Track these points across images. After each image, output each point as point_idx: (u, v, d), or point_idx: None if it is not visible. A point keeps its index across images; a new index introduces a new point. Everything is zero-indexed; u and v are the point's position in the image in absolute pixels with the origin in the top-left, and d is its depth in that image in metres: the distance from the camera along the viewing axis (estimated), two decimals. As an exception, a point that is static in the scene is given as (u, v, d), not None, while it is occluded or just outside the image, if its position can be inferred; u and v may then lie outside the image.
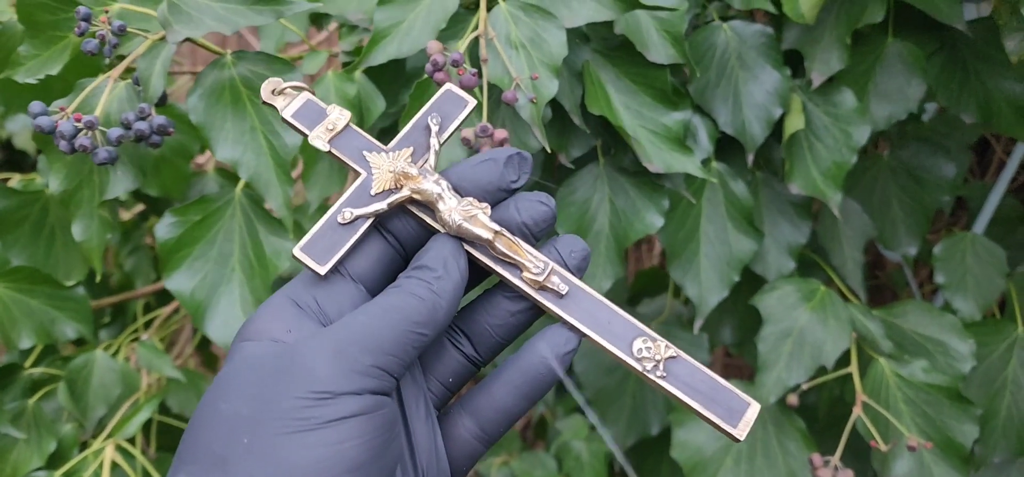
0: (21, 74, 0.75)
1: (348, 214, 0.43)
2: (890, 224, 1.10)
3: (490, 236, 0.43)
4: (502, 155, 0.45)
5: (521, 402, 0.44)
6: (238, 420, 0.38)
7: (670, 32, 0.80)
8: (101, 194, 0.76)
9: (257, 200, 0.82)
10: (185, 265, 0.79)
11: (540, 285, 0.44)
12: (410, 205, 0.45)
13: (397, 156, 0.45)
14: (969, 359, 0.95)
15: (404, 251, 0.45)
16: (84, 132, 0.69)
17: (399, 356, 0.40)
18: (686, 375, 0.43)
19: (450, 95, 0.48)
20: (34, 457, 0.96)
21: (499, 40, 0.72)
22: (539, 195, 0.45)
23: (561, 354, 0.43)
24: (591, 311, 0.44)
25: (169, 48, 0.70)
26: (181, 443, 0.40)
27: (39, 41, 0.75)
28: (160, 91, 0.70)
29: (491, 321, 0.45)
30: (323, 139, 0.46)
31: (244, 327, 0.43)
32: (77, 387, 0.99)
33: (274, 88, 0.47)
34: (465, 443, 0.44)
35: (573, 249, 0.45)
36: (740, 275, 0.93)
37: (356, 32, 0.83)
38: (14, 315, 0.93)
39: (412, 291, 0.41)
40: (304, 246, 0.43)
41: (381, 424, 0.39)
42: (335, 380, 0.38)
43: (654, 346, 0.43)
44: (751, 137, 0.90)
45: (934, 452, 0.90)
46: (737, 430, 0.42)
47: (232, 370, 0.40)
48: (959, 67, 0.98)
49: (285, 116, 0.47)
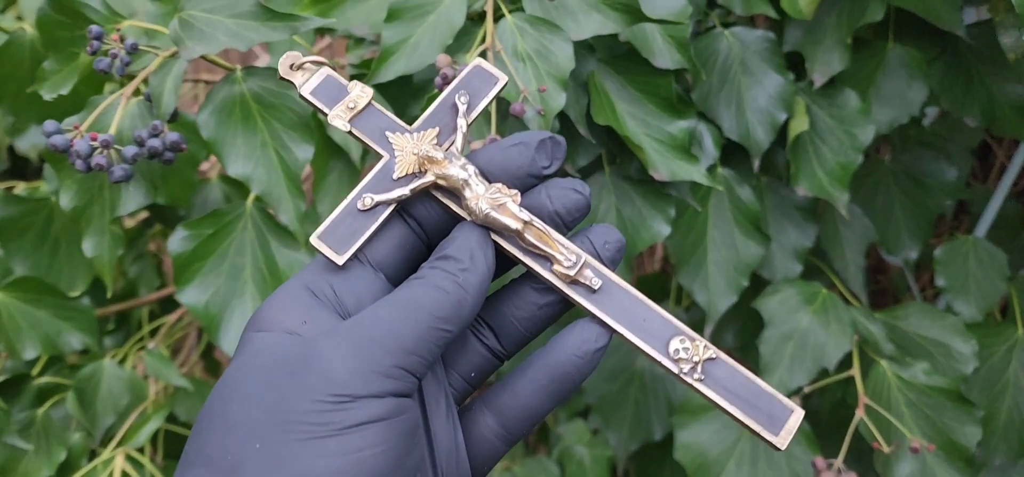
0: (46, 90, 0.76)
1: (369, 200, 0.41)
2: (892, 228, 1.10)
3: (519, 226, 0.41)
4: (534, 138, 0.42)
5: (547, 401, 0.41)
6: (250, 423, 0.36)
7: (675, 37, 0.81)
8: (112, 210, 0.76)
9: (268, 213, 0.82)
10: (198, 278, 0.79)
11: (572, 279, 0.41)
12: (434, 190, 0.42)
13: (422, 137, 0.43)
14: (971, 360, 0.96)
15: (427, 238, 0.43)
16: (100, 151, 0.69)
17: (422, 355, 0.38)
18: (725, 378, 0.40)
19: (479, 71, 0.45)
20: (44, 467, 0.96)
21: (506, 53, 0.72)
22: (573, 182, 0.42)
23: (590, 351, 0.41)
24: (626, 307, 0.41)
25: (181, 64, 0.70)
26: (189, 442, 0.38)
27: (61, 57, 0.76)
28: (172, 107, 0.70)
29: (517, 314, 0.43)
30: (343, 118, 0.44)
31: (256, 315, 0.40)
32: (86, 396, 0.99)
33: (293, 63, 0.45)
34: (487, 443, 0.42)
35: (607, 240, 0.43)
36: (748, 280, 0.93)
37: (363, 45, 0.83)
38: (19, 325, 0.94)
39: (436, 284, 0.39)
40: (322, 233, 0.41)
41: (403, 430, 0.37)
42: (355, 382, 0.36)
43: (692, 346, 0.40)
44: (756, 142, 0.91)
45: (937, 454, 0.90)
46: (778, 438, 0.39)
47: (243, 366, 0.38)
48: (962, 71, 0.99)
49: (303, 93, 0.44)
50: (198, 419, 0.38)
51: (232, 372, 0.38)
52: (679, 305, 1.15)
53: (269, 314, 0.39)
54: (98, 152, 0.68)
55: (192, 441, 0.37)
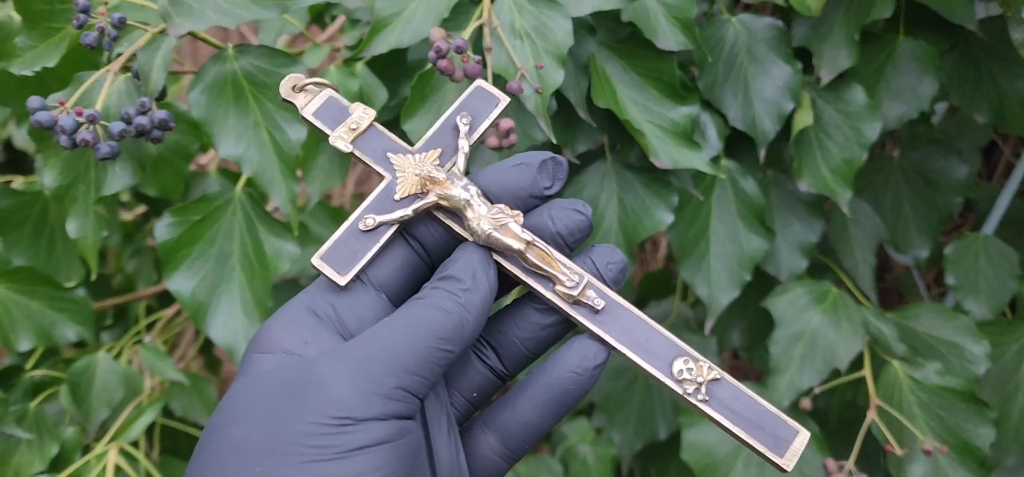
0: (17, 66, 0.73)
1: (371, 221, 0.41)
2: (902, 226, 1.08)
3: (522, 247, 0.41)
4: (535, 159, 0.42)
5: (548, 418, 0.41)
6: (250, 447, 0.35)
7: (679, 18, 0.79)
8: (98, 190, 0.74)
9: (257, 199, 0.81)
10: (185, 265, 0.77)
11: (574, 299, 0.41)
12: (436, 211, 0.43)
13: (424, 159, 0.43)
14: (984, 361, 0.94)
15: (430, 258, 0.43)
16: (86, 126, 0.67)
17: (424, 375, 0.37)
18: (730, 399, 0.40)
19: (480, 92, 0.45)
20: (36, 461, 0.94)
21: (503, 29, 0.71)
22: (575, 202, 0.42)
23: (590, 368, 0.41)
24: (629, 328, 0.41)
25: (170, 41, 0.68)
26: (191, 464, 0.37)
27: (36, 33, 0.74)
28: (161, 85, 0.69)
29: (520, 334, 0.43)
30: (345, 140, 0.43)
31: (257, 336, 0.40)
32: (80, 390, 0.98)
33: (294, 84, 0.45)
34: (488, 461, 0.41)
35: (610, 261, 0.43)
36: (752, 274, 0.92)
37: (358, 26, 0.82)
38: (13, 316, 0.92)
39: (438, 304, 0.39)
40: (324, 254, 0.41)
41: (405, 452, 0.36)
42: (356, 404, 0.35)
43: (696, 367, 0.40)
44: (762, 132, 0.89)
45: (950, 456, 0.88)
46: (784, 460, 0.39)
47: (243, 388, 0.38)
48: (973, 66, 0.97)
49: (305, 115, 0.44)
50: (200, 441, 0.38)
51: (233, 394, 0.38)
52: (685, 301, 1.13)
53: (270, 335, 0.39)
54: (84, 128, 0.67)
55: (193, 464, 0.37)
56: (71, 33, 0.74)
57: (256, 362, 0.39)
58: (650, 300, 1.16)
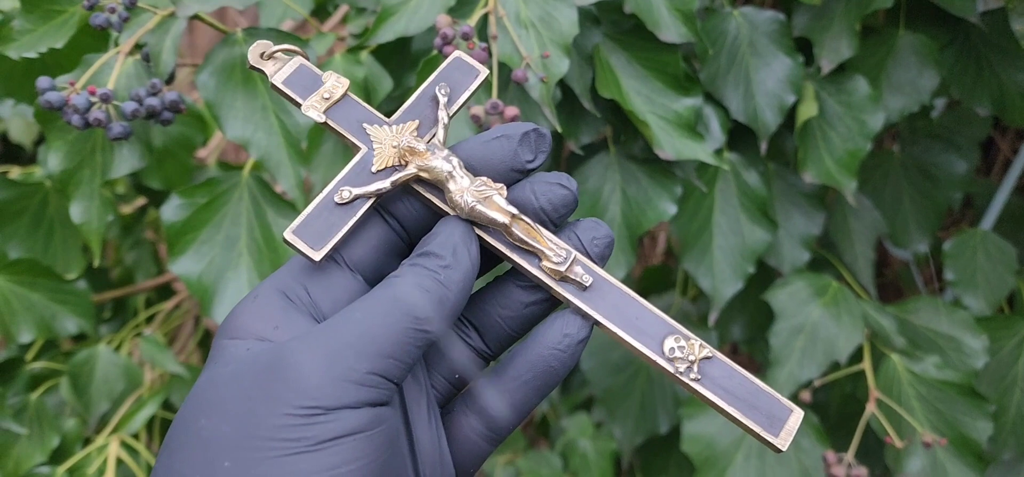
0: (14, 50, 0.72)
1: (346, 193, 0.39)
2: (901, 221, 1.09)
3: (507, 220, 0.39)
4: (516, 131, 0.40)
5: (531, 397, 0.39)
6: (220, 440, 0.33)
7: (681, 10, 0.79)
8: (104, 173, 0.73)
9: (265, 182, 0.80)
10: (192, 249, 0.77)
11: (561, 276, 0.39)
12: (416, 184, 0.40)
13: (401, 129, 0.41)
14: (982, 355, 0.95)
15: (408, 236, 0.41)
16: (99, 105, 0.67)
17: (400, 358, 0.35)
18: (722, 377, 0.39)
19: (459, 63, 0.43)
20: (37, 453, 0.94)
21: (509, 18, 0.71)
22: (559, 176, 0.40)
23: (573, 344, 0.39)
24: (618, 306, 0.39)
25: (179, 23, 0.68)
26: (159, 457, 0.35)
27: (35, 16, 0.73)
28: (171, 66, 0.69)
29: (503, 312, 0.41)
30: (318, 109, 0.41)
31: (226, 322, 0.38)
32: (80, 382, 0.98)
33: (263, 51, 0.42)
34: (471, 444, 0.40)
35: (595, 236, 0.41)
36: (755, 266, 0.92)
37: (364, 15, 0.82)
38: (14, 308, 0.92)
39: (416, 282, 0.36)
40: (296, 229, 0.38)
41: (382, 442, 0.34)
42: (328, 393, 0.33)
43: (688, 345, 0.39)
44: (764, 124, 0.89)
45: (948, 449, 0.89)
46: (778, 439, 0.38)
47: (212, 377, 0.36)
48: (973, 59, 0.98)
49: (275, 82, 0.42)
50: (169, 433, 0.36)
51: (202, 384, 0.36)
52: (685, 295, 1.13)
53: (240, 320, 0.37)
54: (97, 107, 0.67)
55: (162, 457, 0.35)
56: (80, 14, 0.73)
57: (226, 349, 0.37)
58: (651, 294, 1.16)
